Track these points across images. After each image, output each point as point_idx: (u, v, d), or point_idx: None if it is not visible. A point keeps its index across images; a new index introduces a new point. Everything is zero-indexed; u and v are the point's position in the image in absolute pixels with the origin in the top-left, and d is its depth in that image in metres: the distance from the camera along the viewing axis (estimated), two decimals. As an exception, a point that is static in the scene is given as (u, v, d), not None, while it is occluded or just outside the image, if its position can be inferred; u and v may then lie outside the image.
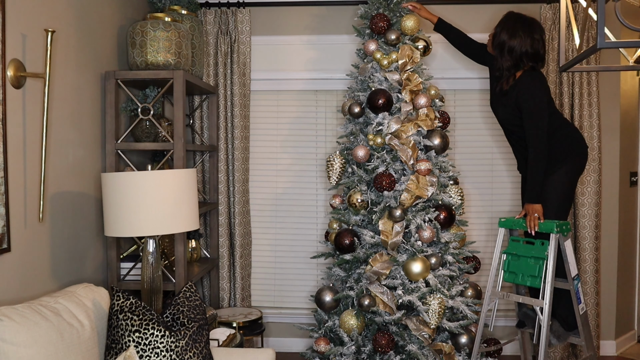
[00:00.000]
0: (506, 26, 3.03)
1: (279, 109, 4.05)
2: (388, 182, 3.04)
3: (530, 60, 2.99)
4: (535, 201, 2.94)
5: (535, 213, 2.93)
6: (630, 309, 4.14)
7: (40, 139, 2.37)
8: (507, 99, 3.04)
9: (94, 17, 2.91)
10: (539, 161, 2.91)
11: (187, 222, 2.43)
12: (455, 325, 3.07)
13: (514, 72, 3.03)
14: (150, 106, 3.07)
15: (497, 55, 3.07)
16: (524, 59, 2.98)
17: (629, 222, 4.07)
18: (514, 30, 2.99)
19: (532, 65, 3.00)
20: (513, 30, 2.99)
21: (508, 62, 3.01)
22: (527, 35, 2.97)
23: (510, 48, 2.99)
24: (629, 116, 4.03)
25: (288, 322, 4.00)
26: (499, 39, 3.04)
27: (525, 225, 2.96)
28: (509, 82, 3.04)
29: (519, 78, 3.01)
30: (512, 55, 2.99)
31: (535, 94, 2.94)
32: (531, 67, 3.00)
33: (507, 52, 3.00)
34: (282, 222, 4.07)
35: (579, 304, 2.94)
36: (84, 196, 2.79)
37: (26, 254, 2.30)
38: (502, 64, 3.03)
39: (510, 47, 2.99)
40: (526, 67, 3.00)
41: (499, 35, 3.05)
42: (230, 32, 3.84)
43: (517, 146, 3.20)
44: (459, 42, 3.40)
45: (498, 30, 3.06)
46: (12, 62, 2.18)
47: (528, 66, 3.00)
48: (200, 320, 2.27)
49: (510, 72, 3.03)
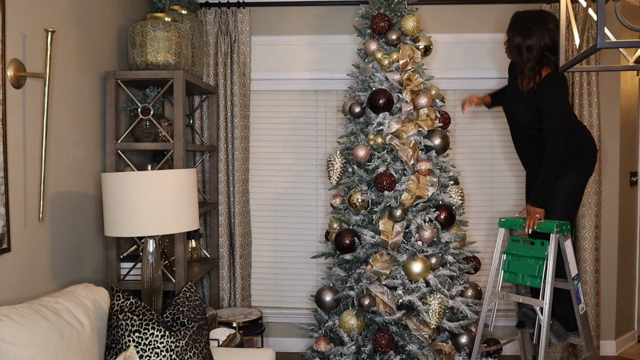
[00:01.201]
0: (517, 28, 2.99)
1: (279, 109, 4.05)
2: (388, 182, 3.04)
3: (552, 53, 2.93)
4: (540, 205, 2.93)
5: (537, 214, 2.93)
6: (630, 309, 4.14)
7: (40, 139, 2.37)
8: (530, 101, 2.97)
9: (94, 17, 2.91)
10: (553, 167, 2.88)
11: (187, 222, 2.43)
12: (455, 325, 3.07)
13: (538, 70, 2.97)
14: (150, 106, 3.07)
15: (517, 58, 3.02)
16: (545, 53, 2.92)
17: (629, 222, 4.07)
18: (526, 29, 2.94)
19: (555, 62, 2.94)
20: (525, 29, 2.94)
21: (530, 62, 2.95)
22: (542, 28, 2.92)
23: (528, 47, 2.93)
24: (629, 116, 4.03)
25: (288, 322, 3.99)
26: (514, 43, 2.99)
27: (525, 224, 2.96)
28: (536, 81, 2.97)
29: (544, 79, 2.95)
30: (533, 53, 2.93)
31: (561, 100, 2.89)
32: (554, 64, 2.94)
33: (526, 51, 2.94)
34: (282, 222, 4.07)
35: (579, 304, 2.94)
36: (84, 196, 2.79)
37: (26, 254, 2.30)
38: (525, 64, 2.97)
39: (528, 46, 2.93)
40: (549, 63, 2.94)
41: (512, 39, 3.00)
42: (230, 32, 3.84)
43: (528, 150, 3.13)
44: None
45: (510, 35, 3.02)
46: (12, 62, 2.18)
47: (551, 62, 2.94)
48: (200, 320, 2.27)
49: (535, 71, 2.97)
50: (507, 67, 3.86)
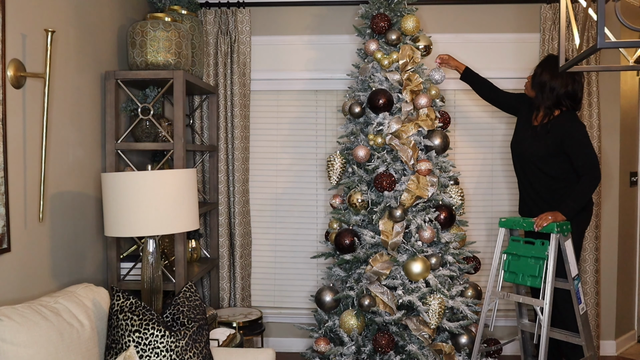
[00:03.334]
0: (548, 67, 3.11)
1: (279, 109, 4.05)
2: (388, 182, 3.04)
3: (570, 100, 3.06)
4: (570, 217, 2.94)
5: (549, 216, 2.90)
6: (630, 309, 4.14)
7: (40, 139, 2.37)
8: (545, 137, 3.06)
9: (94, 17, 2.91)
10: (594, 186, 2.95)
11: (187, 222, 2.43)
12: (455, 326, 3.07)
13: (553, 111, 3.10)
14: (150, 106, 3.07)
15: (537, 94, 3.13)
16: (564, 99, 3.05)
17: (629, 222, 4.07)
18: (556, 71, 3.05)
19: (571, 106, 3.08)
20: (555, 71, 3.06)
21: (548, 102, 3.08)
22: (569, 76, 3.04)
23: (551, 88, 3.06)
24: (629, 116, 4.03)
25: (288, 322, 3.99)
26: (540, 79, 3.11)
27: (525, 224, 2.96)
28: (550, 120, 3.09)
29: (558, 116, 3.07)
30: (553, 94, 3.06)
31: (582, 127, 3.03)
32: (570, 108, 3.08)
33: (548, 91, 3.07)
34: (282, 222, 4.07)
35: (579, 304, 2.94)
36: (84, 196, 2.79)
37: (26, 254, 2.30)
38: (543, 102, 3.09)
39: (551, 86, 3.06)
40: (564, 108, 3.08)
41: (540, 75, 3.12)
42: (230, 32, 3.84)
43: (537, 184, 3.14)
44: (485, 91, 3.45)
45: (539, 71, 3.14)
46: (12, 62, 2.18)
47: (567, 107, 3.07)
48: (200, 320, 2.27)
49: (551, 111, 3.10)
50: (506, 67, 3.88)
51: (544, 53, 3.72)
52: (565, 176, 3.06)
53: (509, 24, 3.87)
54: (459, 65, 3.44)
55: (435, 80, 3.27)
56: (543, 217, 2.90)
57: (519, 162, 3.24)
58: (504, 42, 3.88)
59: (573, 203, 2.94)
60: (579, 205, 2.95)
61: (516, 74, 3.83)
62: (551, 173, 3.08)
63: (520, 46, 3.87)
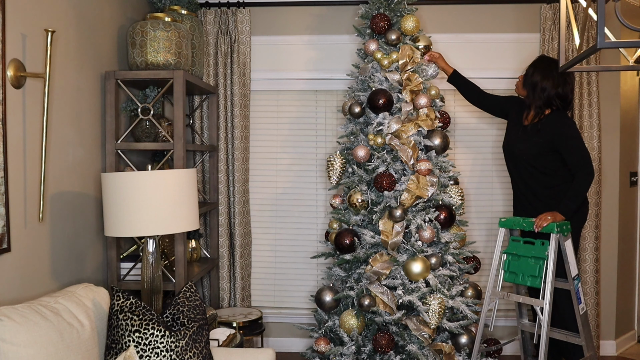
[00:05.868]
0: (540, 67, 3.12)
1: (279, 109, 4.05)
2: (388, 182, 3.04)
3: (560, 102, 3.08)
4: (568, 216, 2.95)
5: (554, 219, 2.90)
6: (630, 309, 4.14)
7: (40, 139, 2.37)
8: (536, 135, 3.09)
9: (94, 17, 2.91)
10: (589, 182, 2.96)
11: (187, 222, 2.43)
12: (455, 325, 3.07)
13: (543, 110, 3.12)
14: (150, 106, 3.07)
15: (528, 93, 3.15)
16: (554, 100, 3.07)
17: (629, 222, 4.07)
18: (547, 71, 3.07)
19: (562, 106, 3.09)
20: (547, 71, 3.08)
21: (539, 101, 3.10)
22: (560, 78, 3.06)
23: (542, 88, 3.08)
24: (629, 116, 4.03)
25: (288, 322, 3.99)
26: (531, 79, 3.13)
27: (525, 224, 2.96)
28: (541, 119, 3.11)
29: (548, 115, 3.10)
30: (544, 95, 3.07)
31: (572, 124, 3.06)
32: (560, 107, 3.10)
33: (539, 91, 3.09)
34: (282, 222, 4.07)
35: (579, 304, 2.94)
36: (84, 196, 2.79)
37: (26, 254, 2.30)
38: (534, 102, 3.11)
39: (542, 87, 3.08)
40: (555, 107, 3.10)
41: (531, 75, 3.13)
42: (230, 32, 3.84)
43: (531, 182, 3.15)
44: (473, 95, 3.45)
45: (530, 71, 3.15)
46: (12, 62, 2.18)
47: (557, 107, 3.09)
48: (200, 320, 2.27)
49: (542, 110, 3.12)
50: (506, 67, 3.88)
51: (544, 53, 3.72)
52: (558, 172, 3.08)
53: (509, 24, 3.87)
54: (446, 67, 3.42)
55: (429, 75, 3.27)
56: (543, 218, 2.90)
57: (511, 162, 3.26)
58: (504, 42, 3.88)
59: (570, 202, 2.95)
60: (576, 203, 2.96)
61: (516, 74, 3.83)
62: (544, 170, 3.10)
63: (520, 46, 3.87)
